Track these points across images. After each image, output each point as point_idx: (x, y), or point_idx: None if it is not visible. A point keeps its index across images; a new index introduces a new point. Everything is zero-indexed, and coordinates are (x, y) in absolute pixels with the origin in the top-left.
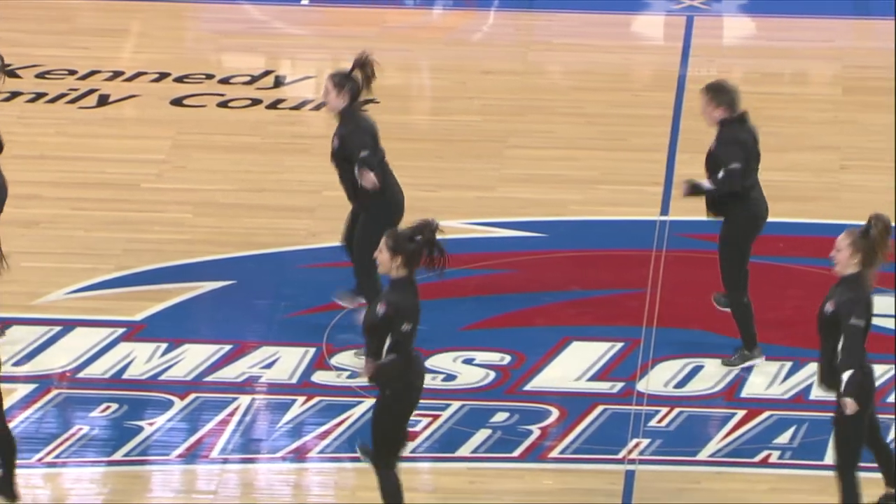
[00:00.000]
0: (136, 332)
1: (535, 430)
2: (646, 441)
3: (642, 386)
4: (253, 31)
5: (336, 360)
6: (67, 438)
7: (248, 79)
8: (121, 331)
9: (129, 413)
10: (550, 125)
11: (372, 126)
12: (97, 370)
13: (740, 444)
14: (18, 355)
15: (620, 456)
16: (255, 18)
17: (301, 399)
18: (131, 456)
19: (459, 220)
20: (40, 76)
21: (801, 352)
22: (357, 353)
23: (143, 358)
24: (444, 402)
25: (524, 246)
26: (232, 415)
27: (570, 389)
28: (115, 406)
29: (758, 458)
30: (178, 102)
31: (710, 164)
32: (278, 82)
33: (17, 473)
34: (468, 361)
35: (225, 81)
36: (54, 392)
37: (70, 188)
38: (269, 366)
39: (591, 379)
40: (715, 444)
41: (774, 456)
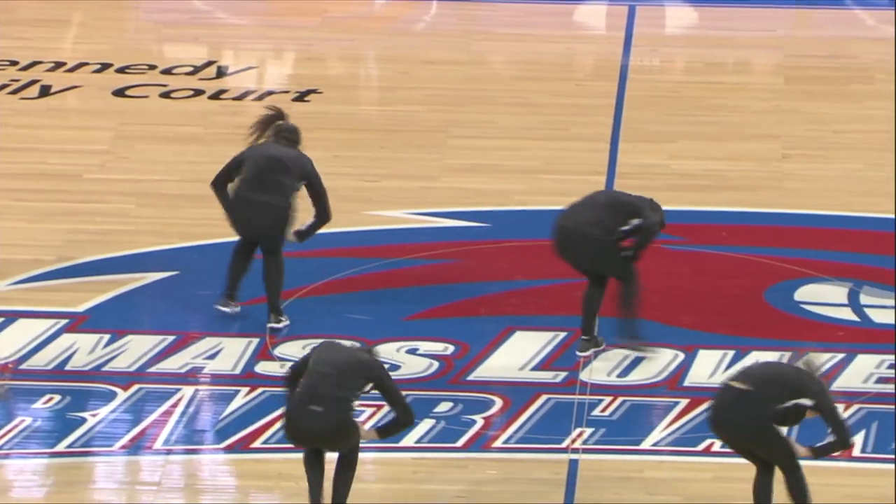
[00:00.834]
0: (78, 323)
1: (479, 419)
2: (589, 430)
3: (585, 375)
4: (195, 22)
5: (279, 350)
6: (10, 430)
7: (191, 69)
8: (63, 322)
9: (72, 404)
10: (493, 115)
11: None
12: (40, 361)
13: (683, 432)
14: None
15: (564, 445)
16: (198, 9)
17: (244, 390)
18: (74, 447)
19: (403, 211)
20: None
21: (743, 340)
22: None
23: (86, 349)
24: None
25: (468, 236)
26: (175, 406)
27: (514, 379)
28: (57, 397)
29: (700, 447)
30: (120, 93)
31: None
32: (221, 73)
33: None
34: (412, 351)
35: (167, 72)
36: None
37: (12, 179)
38: (212, 356)
39: (534, 368)
40: (658, 433)
41: (717, 445)
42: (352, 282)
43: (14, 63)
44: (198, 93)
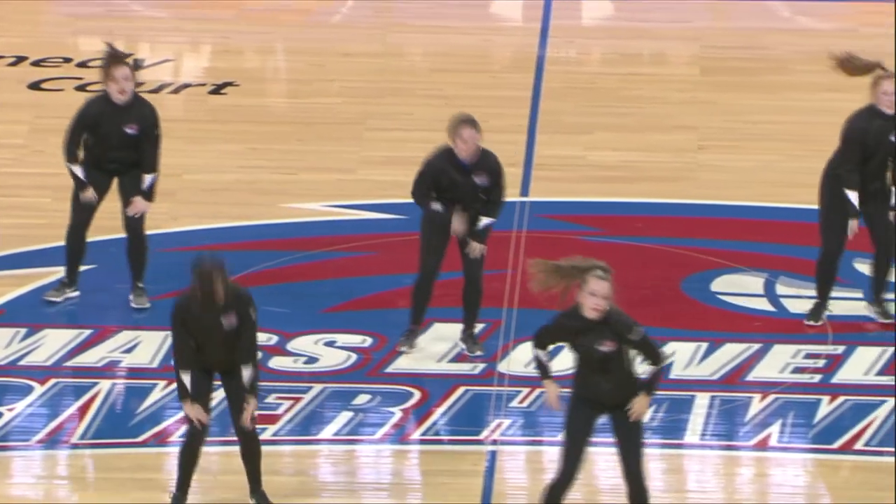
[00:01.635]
0: None
1: (398, 411)
2: (507, 422)
3: (504, 367)
4: (110, 15)
5: None
6: None
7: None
8: None
9: None
10: (410, 107)
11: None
12: None
13: (601, 423)
14: None
15: (482, 437)
16: (113, 1)
17: (162, 383)
18: None
19: (320, 203)
20: None
21: (659, 331)
22: None
23: (1, 343)
24: (305, 385)
25: (385, 228)
26: (92, 400)
27: (432, 371)
28: None
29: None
30: (35, 86)
31: None
32: (136, 66)
33: None
34: (330, 344)
35: (83, 65)
36: None
37: None
38: (129, 350)
39: (452, 360)
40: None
41: None
42: (269, 274)
43: None
44: None
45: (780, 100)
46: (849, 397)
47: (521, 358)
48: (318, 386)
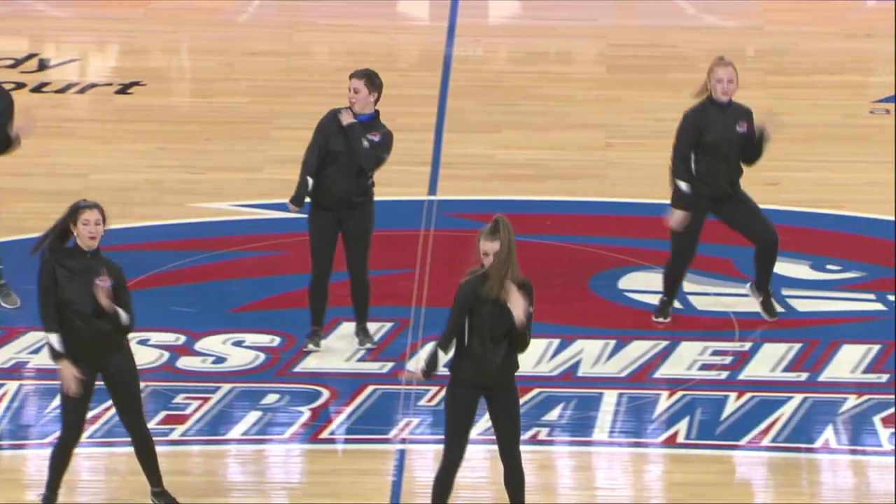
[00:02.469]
0: None
1: (306, 411)
2: (416, 420)
3: (412, 366)
4: (16, 14)
5: None
6: None
7: (12, 62)
8: None
9: None
10: (317, 106)
11: None
12: None
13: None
14: None
15: (391, 436)
16: (18, 0)
17: None
18: None
19: (228, 203)
20: None
21: (568, 329)
22: None
23: None
24: (214, 385)
25: (293, 227)
26: None
27: (340, 370)
28: None
29: (527, 436)
30: None
31: None
32: (42, 65)
33: None
34: (238, 343)
35: None
36: None
37: None
38: (36, 351)
39: (361, 359)
40: (485, 423)
41: (543, 433)
42: (177, 274)
43: None
44: (19, 86)
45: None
46: (756, 394)
47: None
48: (226, 386)
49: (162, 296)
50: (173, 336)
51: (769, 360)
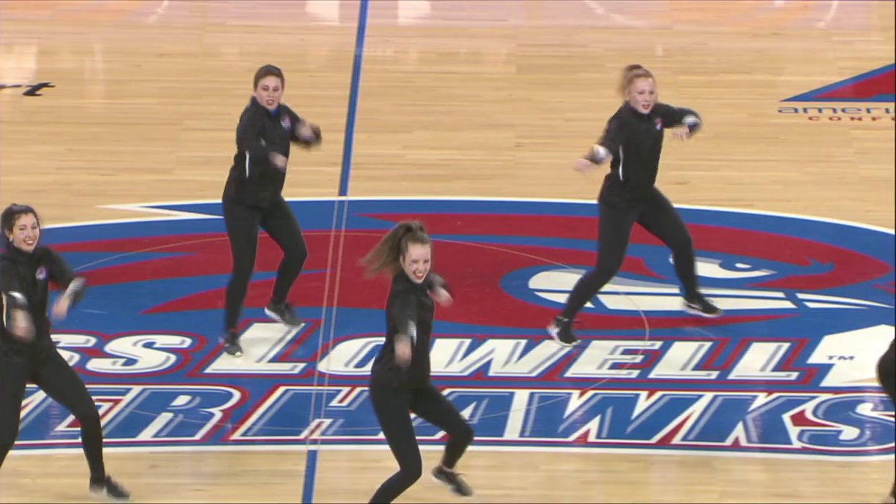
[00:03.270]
0: None
1: (217, 412)
2: (328, 421)
3: (323, 366)
4: None
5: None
6: None
7: None
8: None
9: None
10: (227, 107)
11: None
12: None
13: (421, 421)
14: None
15: (302, 437)
16: None
17: None
18: None
19: (138, 204)
20: None
21: (479, 329)
22: None
23: None
24: (124, 387)
25: (203, 228)
26: None
27: (252, 371)
28: None
29: (438, 436)
30: None
31: None
32: None
33: None
34: (148, 345)
35: None
36: None
37: None
38: None
39: (272, 360)
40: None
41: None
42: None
43: None
44: None
45: (596, 97)
46: (666, 392)
47: (341, 357)
48: (137, 387)
49: None
50: (83, 338)
51: (679, 359)
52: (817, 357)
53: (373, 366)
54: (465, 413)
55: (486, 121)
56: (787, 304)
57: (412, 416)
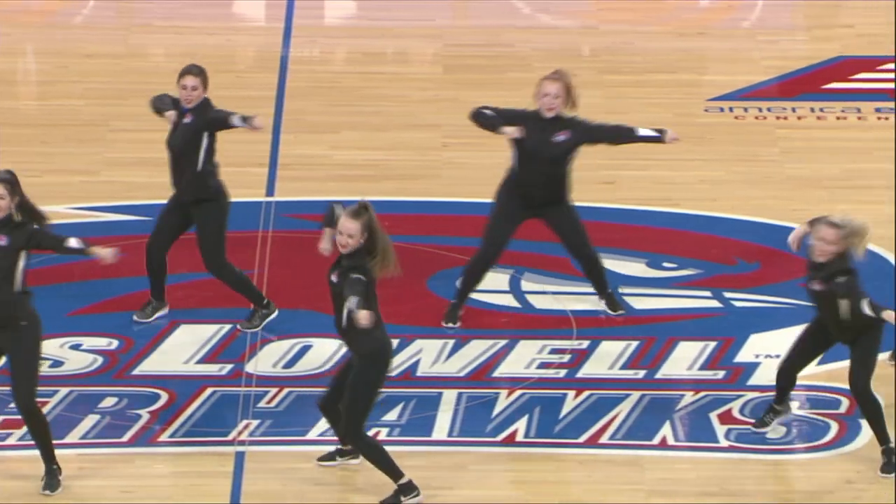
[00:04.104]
0: None
1: (145, 414)
2: (255, 422)
3: (251, 367)
4: None
5: None
6: None
7: None
8: None
9: None
10: None
11: None
12: None
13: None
14: None
15: (230, 438)
16: None
17: None
18: None
19: (66, 206)
20: None
21: (407, 329)
22: None
23: None
24: (51, 389)
25: (131, 230)
26: None
27: (179, 372)
28: None
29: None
30: None
31: None
32: None
33: None
34: (75, 347)
35: None
36: None
37: None
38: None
39: (199, 361)
40: (324, 423)
41: (383, 433)
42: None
43: None
44: None
45: (523, 97)
46: (594, 391)
47: (269, 358)
48: (63, 389)
49: None
50: None
51: (607, 358)
52: (744, 356)
53: None
54: (393, 413)
55: (413, 121)
56: (714, 303)
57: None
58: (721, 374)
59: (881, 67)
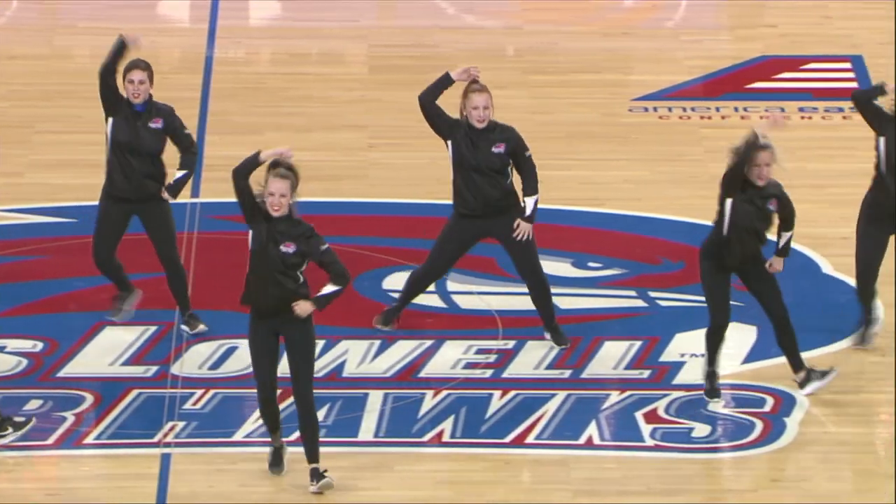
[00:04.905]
0: None
1: (70, 416)
2: (181, 423)
3: (177, 369)
4: None
5: None
6: None
7: None
8: None
9: None
10: (79, 109)
11: None
12: None
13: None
14: None
15: (156, 440)
16: None
17: None
18: None
19: None
20: None
21: (333, 330)
22: None
23: None
24: None
25: (56, 231)
26: None
27: (105, 374)
28: None
29: (292, 437)
30: None
31: None
32: None
33: None
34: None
35: None
36: None
37: None
38: None
39: (125, 363)
40: (250, 425)
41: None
42: None
43: None
44: None
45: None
46: (520, 391)
47: (195, 359)
48: None
49: None
50: None
51: (532, 358)
52: (669, 355)
53: None
54: (320, 414)
55: (339, 122)
56: (639, 303)
57: None
58: (647, 374)
59: (804, 67)
